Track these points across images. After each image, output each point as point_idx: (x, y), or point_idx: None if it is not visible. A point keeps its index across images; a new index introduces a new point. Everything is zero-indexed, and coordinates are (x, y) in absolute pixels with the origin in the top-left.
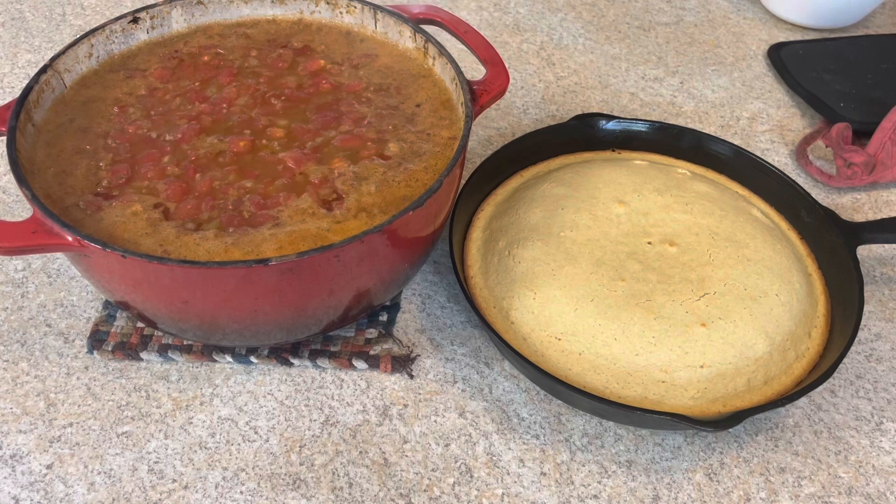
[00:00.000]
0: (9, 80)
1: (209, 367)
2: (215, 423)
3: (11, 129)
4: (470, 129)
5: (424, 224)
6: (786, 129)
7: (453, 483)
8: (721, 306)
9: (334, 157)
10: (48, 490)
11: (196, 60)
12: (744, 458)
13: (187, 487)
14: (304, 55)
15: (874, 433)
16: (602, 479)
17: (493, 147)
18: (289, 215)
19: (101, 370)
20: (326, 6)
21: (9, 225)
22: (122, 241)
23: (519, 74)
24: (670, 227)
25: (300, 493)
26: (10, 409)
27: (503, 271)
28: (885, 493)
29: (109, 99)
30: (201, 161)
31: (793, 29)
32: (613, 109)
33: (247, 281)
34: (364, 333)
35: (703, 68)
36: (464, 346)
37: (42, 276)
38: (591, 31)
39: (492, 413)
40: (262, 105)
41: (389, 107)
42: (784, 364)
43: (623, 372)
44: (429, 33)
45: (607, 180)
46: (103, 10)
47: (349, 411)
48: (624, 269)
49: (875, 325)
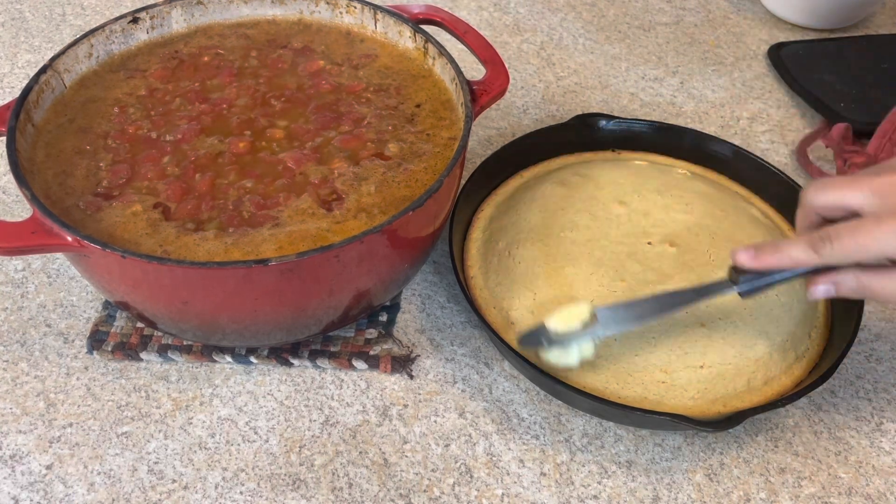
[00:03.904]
0: (9, 80)
1: (209, 368)
2: (215, 424)
3: (11, 129)
4: (470, 129)
5: (424, 224)
6: (786, 129)
7: (453, 483)
8: (721, 307)
9: (334, 158)
10: (48, 490)
11: (196, 61)
12: (744, 458)
13: (187, 488)
14: (303, 56)
15: (874, 433)
16: (602, 480)
17: (493, 147)
18: (289, 215)
19: (101, 370)
20: (326, 6)
21: (9, 225)
22: (122, 241)
23: (519, 74)
24: (670, 227)
25: (300, 493)
26: (9, 409)
27: (503, 271)
28: (885, 494)
29: (109, 99)
30: (201, 161)
31: (793, 29)
32: (613, 109)
33: (246, 281)
34: (364, 334)
35: (703, 68)
36: (464, 347)
37: (42, 276)
38: (591, 31)
39: (492, 413)
40: (262, 105)
41: (389, 107)
42: (784, 364)
43: (623, 372)
44: (429, 33)
45: (607, 180)
46: (103, 10)
47: (349, 411)
48: (624, 270)
49: (875, 325)
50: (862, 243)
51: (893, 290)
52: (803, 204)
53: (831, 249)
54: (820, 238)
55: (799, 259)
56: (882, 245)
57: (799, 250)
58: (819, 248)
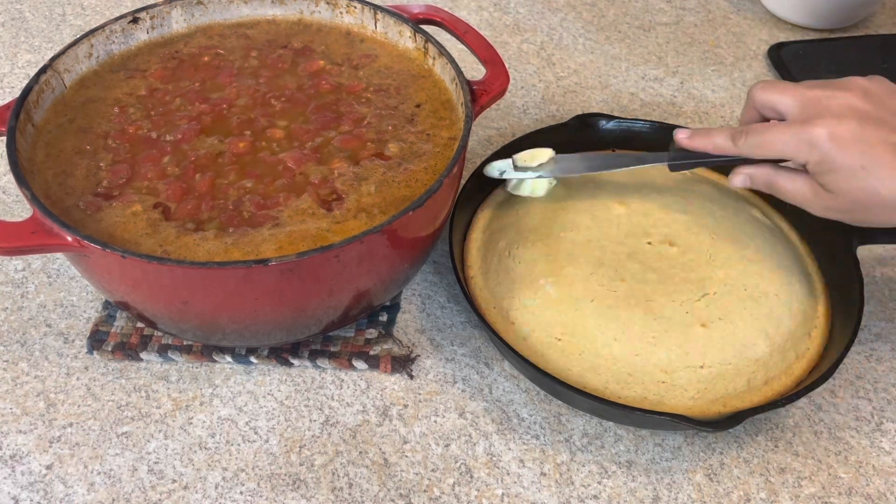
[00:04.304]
0: (9, 80)
1: (209, 368)
2: (215, 424)
3: (11, 129)
4: (470, 129)
5: (424, 224)
6: None
7: (453, 483)
8: (721, 306)
9: (334, 158)
10: (48, 490)
11: (196, 61)
12: (744, 458)
13: (187, 488)
14: (303, 56)
15: (874, 433)
16: (602, 480)
17: (493, 147)
18: (289, 215)
19: (101, 370)
20: (326, 6)
21: (9, 225)
22: (122, 241)
23: (519, 74)
24: (670, 227)
25: (300, 493)
26: (10, 410)
27: (503, 272)
28: (885, 494)
29: (109, 99)
30: (201, 161)
31: (793, 29)
32: (613, 109)
33: (246, 281)
34: (364, 334)
35: (703, 68)
36: (464, 347)
37: (42, 276)
38: (591, 31)
39: (492, 413)
40: (262, 105)
41: (389, 107)
42: (784, 364)
43: (623, 372)
44: (429, 33)
45: (607, 180)
46: (103, 10)
47: (349, 411)
48: (624, 270)
49: (875, 325)
50: (767, 142)
51: (795, 191)
52: (748, 97)
53: (744, 141)
54: (739, 132)
55: (721, 146)
56: (780, 147)
57: (722, 138)
58: (736, 139)
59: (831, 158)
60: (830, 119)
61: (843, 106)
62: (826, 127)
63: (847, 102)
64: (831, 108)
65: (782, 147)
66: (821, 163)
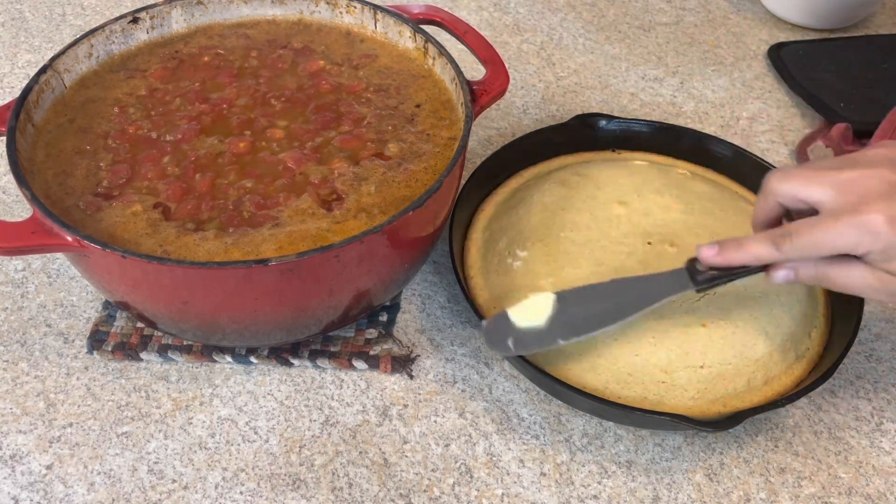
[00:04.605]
0: (9, 80)
1: (209, 368)
2: (215, 424)
3: (11, 129)
4: (470, 129)
5: (424, 224)
6: (786, 129)
7: (453, 483)
8: (721, 307)
9: (334, 158)
10: (48, 490)
11: (196, 61)
12: (744, 458)
13: (187, 488)
14: (303, 56)
15: (874, 433)
16: (602, 480)
17: (493, 147)
18: (289, 215)
19: (101, 370)
20: (326, 6)
21: (9, 225)
22: (122, 241)
23: (519, 74)
24: (670, 227)
25: (300, 493)
26: (9, 410)
27: (503, 272)
28: (885, 494)
29: (109, 99)
30: (201, 161)
31: (793, 29)
32: (613, 109)
33: (246, 281)
34: (364, 333)
35: (703, 68)
36: (464, 347)
37: (42, 276)
38: (591, 31)
39: (492, 413)
40: (262, 105)
41: (389, 107)
42: (784, 364)
43: (623, 372)
44: (429, 33)
45: (607, 180)
46: (103, 10)
47: (349, 411)
48: (624, 270)
49: (875, 325)
50: (819, 240)
51: (848, 281)
52: (765, 191)
53: (791, 246)
54: (781, 235)
55: (761, 255)
56: (838, 243)
57: (762, 247)
58: (780, 244)
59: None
60: (880, 202)
61: (884, 184)
62: (881, 212)
63: (885, 178)
64: (872, 189)
65: (840, 243)
66: (885, 250)
